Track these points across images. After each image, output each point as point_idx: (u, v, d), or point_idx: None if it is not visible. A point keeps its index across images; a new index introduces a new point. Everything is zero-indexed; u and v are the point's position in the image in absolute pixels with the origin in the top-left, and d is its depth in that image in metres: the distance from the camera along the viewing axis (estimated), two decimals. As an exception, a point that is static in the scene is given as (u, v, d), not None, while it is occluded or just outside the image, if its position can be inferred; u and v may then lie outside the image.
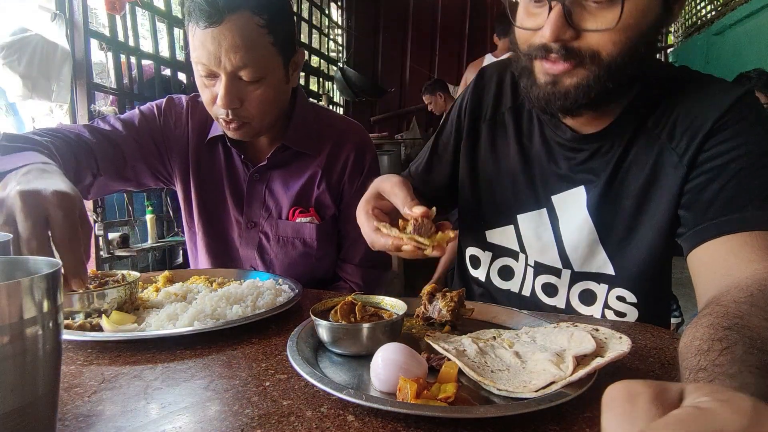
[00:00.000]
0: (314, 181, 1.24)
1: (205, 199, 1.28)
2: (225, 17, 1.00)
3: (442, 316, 0.80)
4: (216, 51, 1.02)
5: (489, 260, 1.06)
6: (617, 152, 0.89)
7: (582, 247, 0.94)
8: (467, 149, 1.07)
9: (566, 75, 0.78)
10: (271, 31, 1.06)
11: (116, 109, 2.87)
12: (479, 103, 1.06)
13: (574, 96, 0.78)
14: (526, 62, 0.83)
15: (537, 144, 0.98)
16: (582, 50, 0.75)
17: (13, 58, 2.25)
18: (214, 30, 1.01)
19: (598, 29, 0.73)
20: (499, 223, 1.03)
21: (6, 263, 0.48)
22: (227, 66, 1.03)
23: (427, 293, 0.83)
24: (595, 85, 0.77)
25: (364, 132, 1.34)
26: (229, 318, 0.81)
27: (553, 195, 0.96)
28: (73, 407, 0.56)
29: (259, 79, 1.07)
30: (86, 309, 0.81)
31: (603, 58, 0.75)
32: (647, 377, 0.64)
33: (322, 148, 1.25)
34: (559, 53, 0.76)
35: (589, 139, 0.91)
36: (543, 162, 0.97)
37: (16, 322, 0.38)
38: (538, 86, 0.81)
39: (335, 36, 6.65)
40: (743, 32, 4.60)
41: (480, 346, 0.67)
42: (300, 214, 1.24)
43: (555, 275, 0.98)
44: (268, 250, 1.26)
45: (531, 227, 0.99)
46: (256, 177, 1.25)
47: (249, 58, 1.03)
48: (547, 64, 0.79)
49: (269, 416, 0.54)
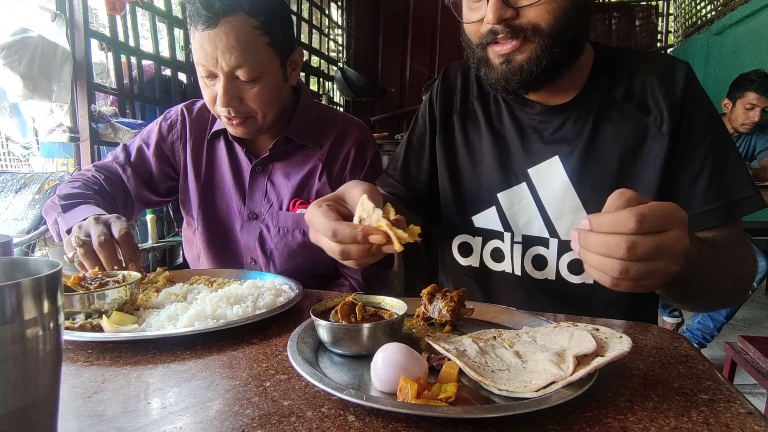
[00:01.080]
0: (315, 173, 1.26)
1: (207, 192, 1.32)
2: (221, 20, 1.04)
3: (442, 316, 0.80)
4: (213, 52, 1.06)
5: (480, 245, 1.09)
6: (590, 119, 0.96)
7: (566, 214, 0.98)
8: (442, 141, 1.12)
9: (516, 52, 0.87)
10: (267, 31, 1.10)
11: (116, 109, 2.87)
12: (449, 96, 1.13)
13: (528, 68, 0.87)
14: (480, 53, 0.91)
15: (507, 124, 1.04)
16: (524, 26, 0.84)
17: (14, 58, 2.25)
18: (210, 32, 1.05)
19: (532, 3, 0.83)
20: (482, 207, 1.07)
21: (6, 264, 0.48)
22: (224, 66, 1.07)
23: (427, 293, 0.83)
24: (543, 55, 0.85)
25: (367, 129, 1.36)
26: (229, 318, 0.81)
27: (529, 168, 1.01)
28: (73, 408, 0.56)
29: (256, 78, 1.11)
30: (87, 309, 0.81)
31: (543, 28, 0.84)
32: (647, 377, 0.64)
33: (324, 141, 1.28)
34: (505, 32, 0.85)
35: (557, 110, 0.98)
36: (515, 140, 1.03)
37: (17, 323, 0.39)
38: (494, 68, 0.90)
39: (335, 36, 6.65)
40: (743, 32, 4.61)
41: (480, 346, 0.67)
42: (300, 205, 1.26)
43: (543, 246, 1.01)
44: (268, 240, 1.28)
45: (513, 203, 1.03)
46: (258, 169, 1.28)
47: (244, 58, 1.07)
48: (497, 47, 0.88)
49: (270, 416, 0.54)
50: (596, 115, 0.96)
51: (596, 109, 0.96)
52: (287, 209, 1.27)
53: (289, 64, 1.20)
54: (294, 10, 5.22)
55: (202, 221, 1.32)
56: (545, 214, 1.00)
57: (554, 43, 0.85)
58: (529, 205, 1.01)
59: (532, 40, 0.85)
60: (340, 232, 0.68)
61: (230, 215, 1.31)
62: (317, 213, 0.72)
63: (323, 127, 1.30)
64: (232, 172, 1.30)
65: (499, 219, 1.05)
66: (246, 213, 1.29)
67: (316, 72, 5.85)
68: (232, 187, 1.30)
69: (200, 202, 1.32)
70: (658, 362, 0.69)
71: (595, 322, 0.80)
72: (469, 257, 1.10)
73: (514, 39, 0.85)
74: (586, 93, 0.97)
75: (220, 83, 1.09)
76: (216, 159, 1.32)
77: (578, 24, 0.87)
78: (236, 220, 1.30)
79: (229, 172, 1.30)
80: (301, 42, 5.37)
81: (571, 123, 0.97)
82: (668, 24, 6.86)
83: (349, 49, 6.72)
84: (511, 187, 1.03)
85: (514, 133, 1.03)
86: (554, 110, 0.98)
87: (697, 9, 5.96)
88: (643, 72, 0.95)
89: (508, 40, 0.86)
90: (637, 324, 0.86)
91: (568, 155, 0.97)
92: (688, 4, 6.25)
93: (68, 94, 2.52)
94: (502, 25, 0.84)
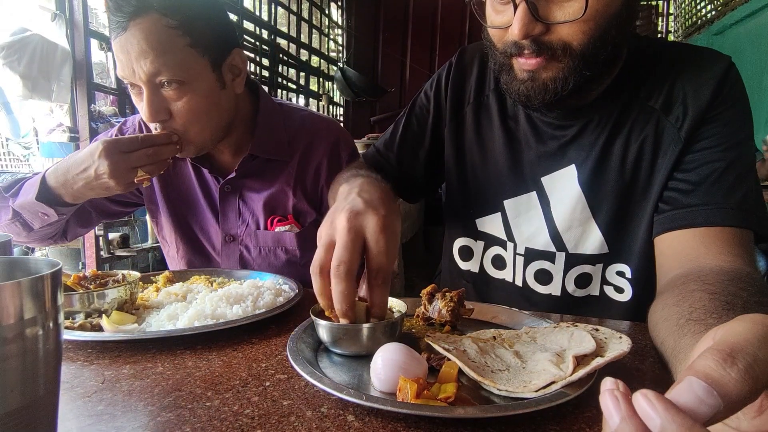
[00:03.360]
0: (289, 188, 1.18)
1: (181, 216, 1.24)
2: (130, 23, 0.93)
3: (441, 316, 0.80)
4: (127, 60, 0.95)
5: (482, 250, 1.04)
6: (609, 123, 0.87)
7: (575, 226, 0.92)
8: (452, 134, 1.04)
9: (542, 69, 0.78)
10: (187, 31, 0.97)
11: (116, 109, 2.87)
12: (462, 86, 1.03)
13: (552, 89, 0.78)
14: (503, 59, 0.82)
15: (523, 125, 0.96)
16: (553, 43, 0.75)
17: (14, 58, 2.25)
18: (121, 38, 0.94)
19: (566, 20, 0.73)
20: (486, 211, 1.01)
21: (6, 263, 0.48)
22: (140, 74, 0.95)
23: (427, 293, 0.83)
24: (571, 76, 0.77)
25: (338, 128, 1.27)
26: (229, 318, 0.81)
27: (543, 177, 0.94)
28: (73, 407, 0.56)
29: (181, 86, 0.98)
30: (86, 309, 0.81)
31: (575, 49, 0.75)
32: (647, 377, 0.64)
33: (294, 150, 1.19)
34: (531, 49, 0.76)
35: (579, 113, 0.89)
36: (530, 143, 0.95)
37: (17, 322, 0.38)
38: (519, 81, 0.81)
39: (335, 36, 6.65)
40: (743, 32, 4.60)
41: (480, 346, 0.66)
42: (278, 222, 1.19)
43: (549, 260, 0.95)
44: (250, 262, 1.22)
45: (519, 212, 0.97)
46: (227, 189, 1.19)
47: (161, 62, 0.95)
48: (522, 60, 0.79)
49: (269, 416, 0.54)
50: (616, 119, 0.87)
51: (617, 112, 0.87)
52: (265, 228, 1.19)
53: (228, 69, 1.06)
54: (294, 10, 5.22)
55: (183, 245, 1.25)
56: (553, 226, 0.93)
57: (585, 64, 0.76)
58: (536, 216, 0.95)
59: (559, 59, 0.76)
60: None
61: (207, 238, 1.24)
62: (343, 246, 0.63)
63: (291, 135, 1.19)
64: (203, 193, 1.21)
65: (503, 227, 0.99)
66: (222, 235, 1.21)
67: (316, 72, 5.86)
68: (206, 208, 1.22)
69: (175, 228, 1.24)
70: (658, 362, 0.68)
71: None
72: (469, 261, 1.07)
73: (540, 56, 0.76)
74: (611, 93, 0.87)
75: (144, 95, 0.97)
76: (183, 181, 1.22)
77: (617, 42, 0.77)
78: (215, 242, 1.23)
79: (201, 193, 1.21)
80: (301, 42, 5.37)
81: (592, 128, 0.89)
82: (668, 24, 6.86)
83: (349, 49, 6.73)
84: (520, 195, 0.96)
85: (531, 137, 0.94)
86: (575, 114, 0.89)
87: (697, 9, 5.96)
88: (674, 67, 0.85)
89: (534, 57, 0.77)
90: (637, 324, 0.86)
91: (584, 163, 0.90)
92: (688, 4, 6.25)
93: (68, 94, 2.52)
94: (529, 40, 0.75)
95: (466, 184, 1.04)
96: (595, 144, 0.89)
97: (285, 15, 5.15)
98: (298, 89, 5.33)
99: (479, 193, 1.02)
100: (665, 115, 0.84)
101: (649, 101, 0.85)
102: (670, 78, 0.84)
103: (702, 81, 0.82)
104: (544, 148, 0.93)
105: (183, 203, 1.23)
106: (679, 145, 0.82)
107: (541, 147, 0.94)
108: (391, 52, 7.03)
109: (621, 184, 0.88)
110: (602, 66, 0.79)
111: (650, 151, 0.86)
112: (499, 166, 0.99)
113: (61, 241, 1.22)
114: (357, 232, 0.64)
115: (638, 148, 0.86)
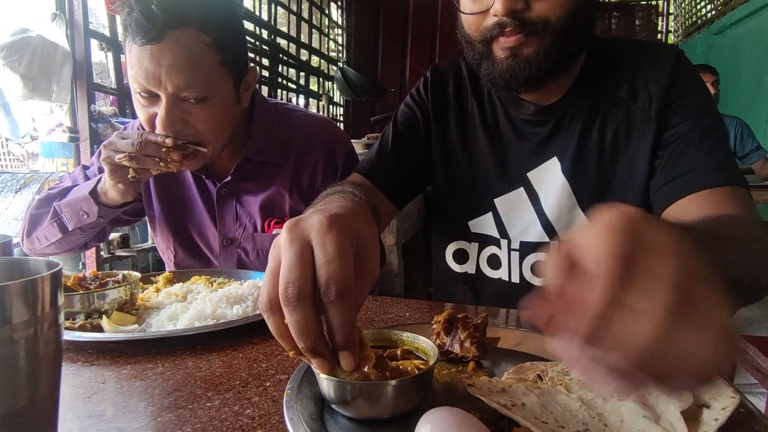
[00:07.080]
0: (285, 190, 1.19)
1: (179, 221, 1.24)
2: (166, 34, 0.92)
3: (465, 350, 0.64)
4: (155, 70, 0.93)
5: (477, 251, 1.06)
6: (583, 116, 0.94)
7: (563, 213, 0.96)
8: (438, 141, 1.06)
9: (523, 46, 0.81)
10: (220, 49, 0.98)
11: (116, 109, 2.87)
12: (442, 93, 1.06)
13: (536, 63, 0.81)
14: (482, 48, 0.85)
15: (503, 124, 1.01)
16: (533, 19, 0.79)
17: (14, 58, 2.25)
18: (153, 47, 0.92)
19: None
20: (478, 212, 1.04)
21: (6, 264, 0.48)
22: (168, 87, 0.94)
23: (443, 321, 0.67)
24: (553, 50, 0.80)
25: (335, 128, 1.28)
26: (229, 318, 0.81)
27: (528, 172, 0.98)
28: (73, 408, 0.56)
29: (204, 101, 0.99)
30: (87, 309, 0.81)
31: (554, 23, 0.79)
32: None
33: (290, 152, 1.19)
34: (513, 25, 0.79)
35: (553, 109, 0.95)
36: (512, 141, 0.99)
37: (17, 323, 0.39)
38: (499, 62, 0.83)
39: (335, 36, 6.65)
40: (743, 32, 4.60)
41: (536, 394, 0.51)
42: (276, 225, 1.19)
43: (544, 251, 0.97)
44: (248, 265, 1.21)
45: (510, 209, 1.00)
46: (224, 192, 1.19)
47: (194, 79, 0.95)
48: (503, 39, 0.81)
49: (270, 416, 0.54)
50: (589, 111, 0.93)
51: (588, 104, 0.93)
52: (263, 230, 1.19)
53: (243, 85, 1.09)
54: (294, 10, 5.22)
55: (180, 250, 1.25)
56: (544, 217, 0.97)
57: (565, 37, 0.80)
58: (527, 210, 0.98)
59: (541, 35, 0.79)
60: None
61: (206, 243, 1.25)
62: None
63: (286, 137, 1.19)
64: (200, 197, 1.21)
65: (495, 225, 1.02)
66: (220, 239, 1.21)
67: (316, 72, 5.85)
68: (203, 212, 1.22)
69: (173, 233, 1.24)
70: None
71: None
72: (464, 264, 1.08)
73: (522, 32, 0.80)
74: (578, 88, 0.94)
75: (163, 105, 0.96)
76: (181, 186, 1.23)
77: (590, 20, 0.84)
78: (213, 246, 1.23)
79: (199, 198, 1.22)
80: (301, 42, 5.37)
81: (567, 121, 0.95)
82: (668, 23, 6.86)
83: (349, 49, 6.72)
84: (508, 192, 1.00)
85: (512, 136, 0.99)
86: (548, 109, 0.95)
87: (697, 8, 5.96)
88: (633, 61, 0.93)
89: (516, 33, 0.80)
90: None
91: (565, 154, 0.95)
92: (688, 3, 6.25)
93: (68, 94, 2.52)
94: (511, 17, 0.78)
95: (456, 188, 1.06)
96: (573, 136, 0.94)
97: (285, 15, 5.15)
98: (298, 89, 5.32)
99: (469, 195, 1.04)
100: (632, 102, 0.91)
101: (617, 93, 0.93)
102: (631, 71, 0.92)
103: (658, 68, 0.90)
104: (525, 145, 0.98)
105: (180, 208, 1.24)
106: (652, 124, 0.89)
107: (522, 144, 0.98)
108: (391, 52, 7.03)
109: (601, 170, 0.93)
110: (582, 42, 0.85)
111: (624, 136, 0.92)
112: (485, 166, 1.02)
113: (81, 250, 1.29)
114: (301, 241, 0.48)
115: (613, 134, 0.92)
